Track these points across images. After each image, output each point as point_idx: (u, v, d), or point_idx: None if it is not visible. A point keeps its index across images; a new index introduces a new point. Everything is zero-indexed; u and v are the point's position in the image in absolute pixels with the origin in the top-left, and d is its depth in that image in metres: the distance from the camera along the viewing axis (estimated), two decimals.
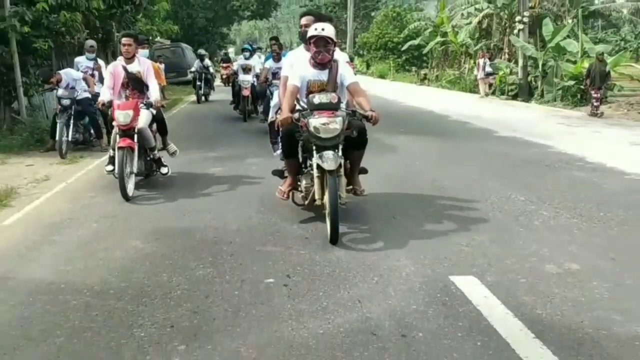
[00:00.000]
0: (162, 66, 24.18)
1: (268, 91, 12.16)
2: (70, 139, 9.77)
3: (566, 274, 4.55)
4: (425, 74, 36.54)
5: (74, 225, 6.22)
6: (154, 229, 6.02)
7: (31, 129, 11.46)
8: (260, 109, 14.33)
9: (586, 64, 19.61)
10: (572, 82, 20.26)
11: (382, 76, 43.26)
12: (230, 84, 18.72)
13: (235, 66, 17.03)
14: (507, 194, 7.00)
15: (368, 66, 49.07)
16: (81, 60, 11.53)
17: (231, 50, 49.68)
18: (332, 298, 4.21)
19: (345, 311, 3.97)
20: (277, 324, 3.82)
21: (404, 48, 39.20)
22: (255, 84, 14.74)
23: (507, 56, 27.26)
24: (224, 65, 24.02)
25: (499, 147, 11.04)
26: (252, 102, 15.65)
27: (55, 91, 10.47)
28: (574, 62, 21.21)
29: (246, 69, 15.56)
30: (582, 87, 19.39)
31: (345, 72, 5.80)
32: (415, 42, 36.03)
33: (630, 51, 30.54)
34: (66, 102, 10.07)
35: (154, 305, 4.14)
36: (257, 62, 15.77)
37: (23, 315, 3.99)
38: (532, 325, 3.68)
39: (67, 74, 10.48)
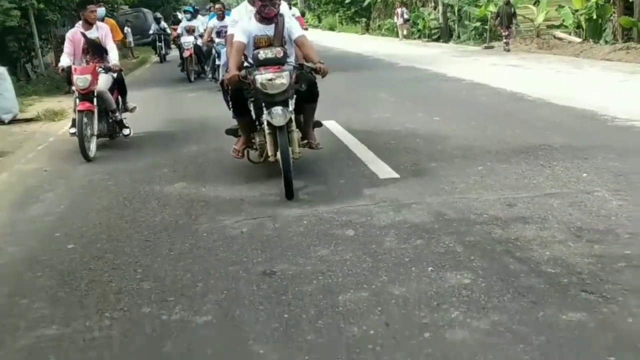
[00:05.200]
0: (129, 30, 28.00)
1: (214, 50, 12.38)
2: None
3: (384, 119, 8.12)
4: (368, 24, 41.28)
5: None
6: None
7: (49, 80, 14.53)
8: (207, 68, 14.42)
9: (492, 8, 21.45)
10: (478, 24, 22.91)
11: (331, 28, 43.98)
12: (177, 46, 17.84)
13: (179, 29, 16.48)
14: (382, 95, 10.64)
15: (319, 20, 50.82)
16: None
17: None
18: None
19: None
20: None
21: (347, 1, 41.18)
22: (201, 44, 14.61)
23: (433, 4, 31.87)
24: (174, 27, 23.41)
25: (396, 73, 14.53)
26: (197, 63, 15.37)
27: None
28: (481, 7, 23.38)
29: (189, 30, 15.33)
30: (486, 27, 22.20)
31: (292, 26, 5.40)
32: None
33: None
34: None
35: None
36: (201, 22, 15.47)
37: None
38: (361, 140, 6.78)
39: None
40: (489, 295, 3.09)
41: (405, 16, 27.99)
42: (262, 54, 5.11)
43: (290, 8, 7.03)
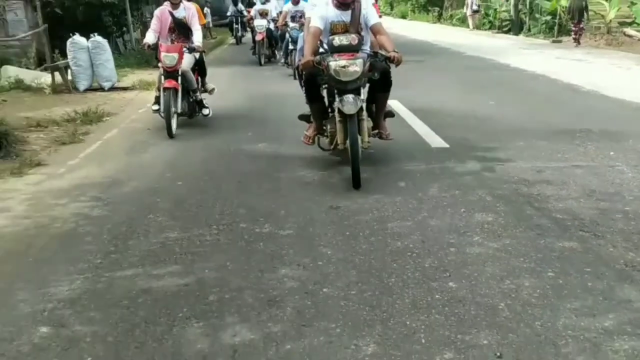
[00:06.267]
0: (208, 10, 29.57)
1: (287, 34, 12.45)
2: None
3: (443, 101, 9.02)
4: (440, 13, 41.69)
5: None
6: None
7: (139, 54, 15.25)
8: (279, 53, 14.67)
9: (563, 2, 21.30)
10: (549, 17, 22.94)
11: (403, 17, 45.30)
12: (250, 29, 18.43)
13: (252, 12, 16.72)
14: (444, 80, 11.63)
15: (392, 7, 51.22)
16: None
17: None
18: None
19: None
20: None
21: None
22: (273, 28, 14.85)
23: None
24: (248, 9, 23.88)
25: (461, 61, 15.32)
26: (268, 46, 15.51)
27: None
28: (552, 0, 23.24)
29: (262, 14, 15.43)
30: (556, 20, 22.09)
31: (369, 13, 5.31)
32: None
33: None
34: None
35: None
36: (274, 6, 15.43)
37: None
38: (420, 117, 7.78)
39: None
40: (505, 228, 4.03)
41: (475, 7, 28.37)
42: (337, 40, 5.07)
43: None
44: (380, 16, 6.35)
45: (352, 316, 2.98)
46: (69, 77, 11.12)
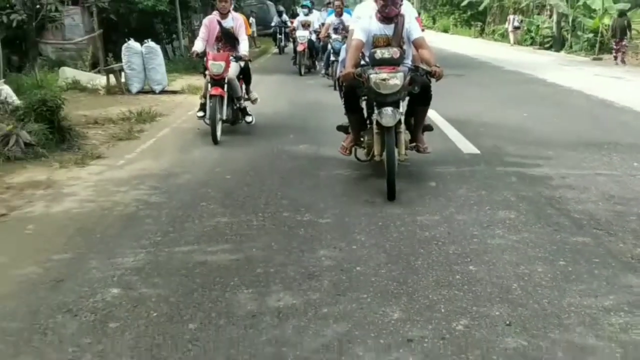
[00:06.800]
0: (254, 20, 30.39)
1: (329, 46, 12.59)
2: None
3: (478, 111, 9.49)
4: (483, 28, 41.90)
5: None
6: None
7: (188, 60, 15.40)
8: (319, 64, 14.96)
9: (607, 21, 21.80)
10: (591, 35, 23.03)
11: (445, 30, 45.37)
12: (292, 40, 18.79)
13: (295, 23, 17.12)
14: (481, 92, 12.16)
15: (434, 21, 50.52)
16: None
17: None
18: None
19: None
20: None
21: (463, 4, 40.85)
22: (314, 39, 15.23)
23: (549, 12, 32.29)
24: (292, 20, 24.24)
25: (499, 75, 15.86)
26: (309, 57, 15.77)
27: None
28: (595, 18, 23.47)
29: (305, 25, 15.80)
30: (598, 38, 22.27)
31: (412, 27, 5.33)
32: None
33: None
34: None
35: None
36: (316, 18, 15.88)
37: None
38: (454, 125, 8.16)
39: None
40: (525, 224, 4.42)
41: (516, 23, 28.61)
42: (379, 53, 5.13)
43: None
44: (422, 30, 6.49)
45: (381, 289, 3.42)
46: (123, 80, 11.78)
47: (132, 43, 11.76)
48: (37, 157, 6.54)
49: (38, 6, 11.61)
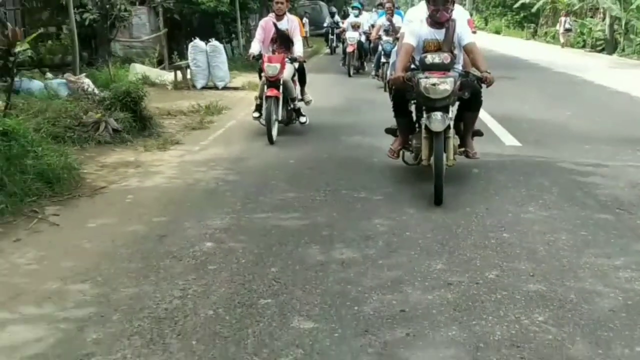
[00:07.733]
0: (307, 21, 31.34)
1: (380, 47, 12.71)
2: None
3: (522, 109, 10.11)
4: (535, 30, 41.91)
5: None
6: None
7: (246, 59, 18.37)
8: (368, 65, 15.19)
9: None
10: None
11: (497, 32, 45.25)
12: (342, 40, 18.82)
13: (345, 24, 17.35)
14: (527, 91, 12.72)
15: (486, 22, 50.30)
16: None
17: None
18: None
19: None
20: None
21: (516, 5, 40.31)
22: (364, 40, 15.44)
23: (602, 15, 32.25)
24: (343, 21, 24.27)
25: (547, 75, 16.43)
26: (358, 58, 15.86)
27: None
28: None
29: (355, 26, 15.90)
30: None
31: (463, 32, 5.31)
32: (526, 0, 38.20)
33: None
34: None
35: None
36: (366, 19, 16.11)
37: None
38: (499, 120, 8.91)
39: None
40: (555, 203, 5.07)
41: (567, 26, 28.69)
42: (430, 58, 5.10)
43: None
44: (474, 31, 6.11)
45: (427, 248, 4.14)
46: (188, 76, 12.73)
47: (198, 42, 12.69)
48: (123, 141, 7.41)
49: (108, 6, 12.54)
